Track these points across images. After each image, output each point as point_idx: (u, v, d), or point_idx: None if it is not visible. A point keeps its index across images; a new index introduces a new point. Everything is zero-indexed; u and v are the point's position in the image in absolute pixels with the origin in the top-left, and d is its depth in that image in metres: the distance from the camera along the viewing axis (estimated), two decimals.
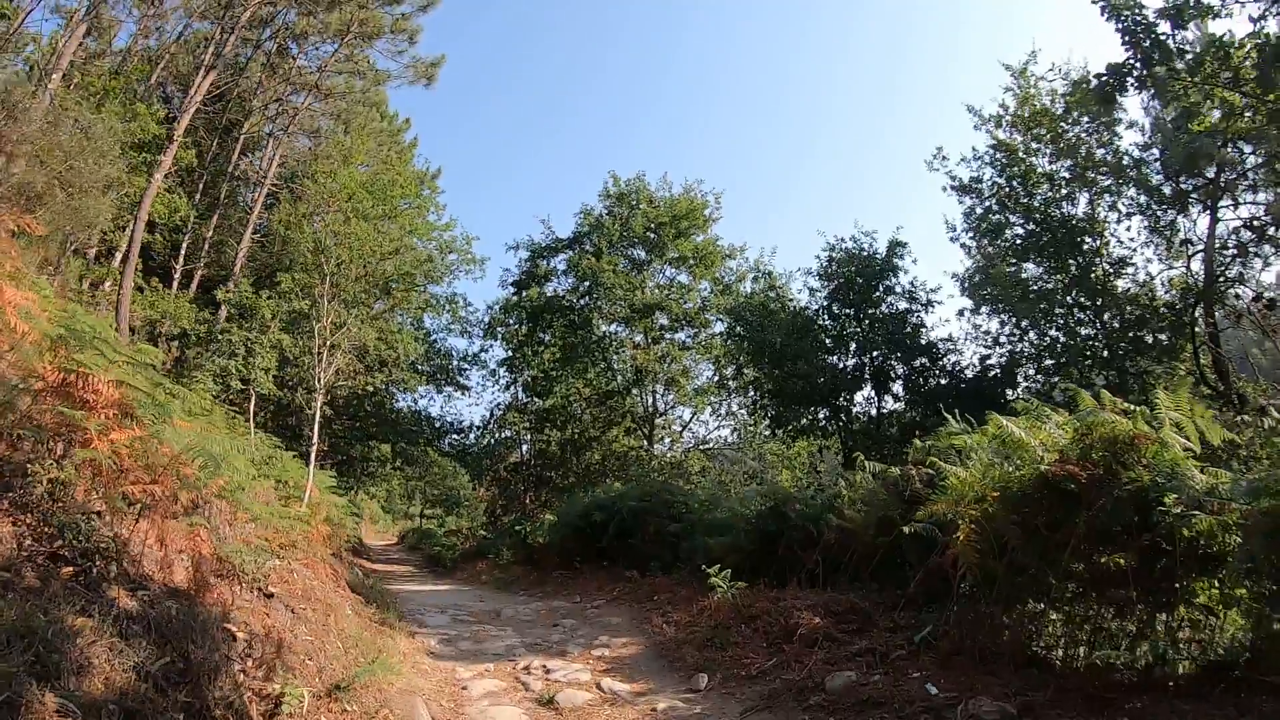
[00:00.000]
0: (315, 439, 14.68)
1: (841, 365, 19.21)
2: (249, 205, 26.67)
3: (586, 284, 26.68)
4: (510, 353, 31.98)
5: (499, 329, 33.20)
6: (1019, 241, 18.82)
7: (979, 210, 19.65)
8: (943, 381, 19.08)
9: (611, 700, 7.91)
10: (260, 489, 14.54)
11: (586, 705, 7.74)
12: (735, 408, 27.70)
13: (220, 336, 14.43)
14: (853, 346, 19.73)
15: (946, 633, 7.77)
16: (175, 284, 22.06)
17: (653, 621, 11.32)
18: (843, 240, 20.49)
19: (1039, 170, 18.69)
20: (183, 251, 23.07)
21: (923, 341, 19.42)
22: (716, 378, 27.61)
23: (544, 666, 9.31)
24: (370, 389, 25.73)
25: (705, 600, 10.88)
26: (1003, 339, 18.98)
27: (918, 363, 19.36)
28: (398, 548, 41.58)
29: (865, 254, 20.06)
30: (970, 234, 19.91)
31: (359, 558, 31.11)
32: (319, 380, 14.99)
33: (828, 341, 19.67)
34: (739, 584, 10.47)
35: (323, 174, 25.29)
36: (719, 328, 27.82)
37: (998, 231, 19.22)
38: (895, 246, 19.89)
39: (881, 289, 19.89)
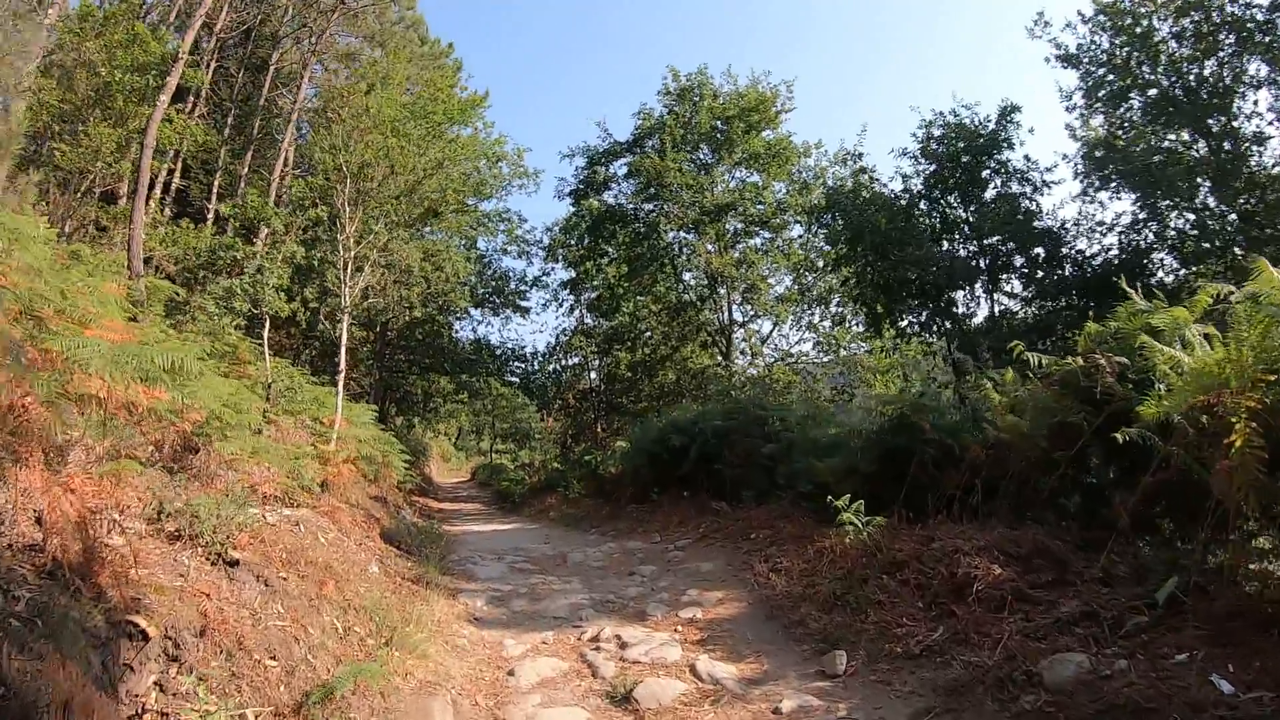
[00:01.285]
0: (343, 364, 12.58)
1: (955, 254, 16.31)
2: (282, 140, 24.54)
3: (651, 188, 24.07)
4: (572, 273, 29.71)
5: (559, 250, 30.87)
6: (1148, 109, 15.73)
7: (1091, 80, 16.53)
8: (1065, 273, 16.07)
9: (714, 694, 5.56)
10: (285, 425, 12.59)
11: (678, 703, 5.42)
12: (818, 319, 25.02)
13: (222, 254, 12.29)
14: (958, 236, 16.83)
15: (1202, 587, 5.24)
16: (211, 225, 20.21)
17: (754, 569, 8.95)
18: (942, 114, 17.47)
19: (1158, 35, 15.51)
20: (214, 191, 21.11)
21: (1038, 228, 16.38)
22: (796, 286, 24.87)
23: (617, 637, 7.00)
24: (421, 316, 23.61)
25: (822, 539, 8.50)
26: (1128, 222, 15.92)
27: (1034, 253, 16.36)
28: (469, 485, 40.29)
29: (970, 127, 17.02)
30: (1085, 104, 16.82)
31: (425, 497, 29.80)
32: (344, 298, 12.81)
33: (935, 227, 16.79)
34: (877, 519, 7.93)
35: (357, 94, 22.98)
36: (796, 232, 25.10)
37: (1120, 98, 16.09)
38: (1007, 114, 16.77)
39: (992, 167, 16.86)
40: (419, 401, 33.05)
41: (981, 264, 16.31)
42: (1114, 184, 16.30)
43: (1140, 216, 15.80)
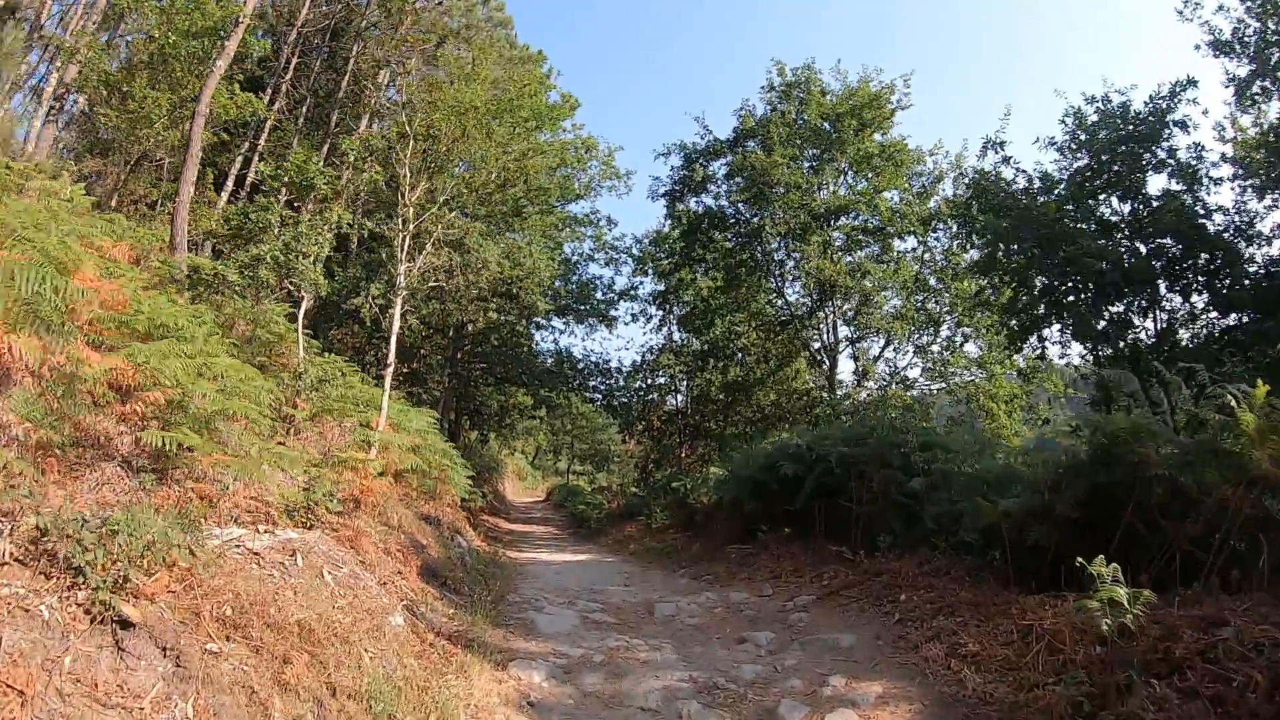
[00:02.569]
0: (391, 355, 10.43)
1: (1124, 256, 13.37)
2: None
3: (755, 188, 21.56)
4: (662, 286, 27.45)
5: (649, 264, 28.62)
6: None
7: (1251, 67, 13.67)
8: (1247, 282, 13.01)
9: None
10: (323, 426, 10.46)
11: None
12: (927, 341, 22.04)
13: (255, 217, 10.23)
14: (1119, 237, 13.91)
15: None
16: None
17: (924, 652, 6.34)
18: (1094, 98, 14.62)
19: None
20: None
21: (1211, 229, 13.37)
22: (909, 303, 21.94)
23: None
24: (497, 319, 21.42)
25: (1027, 614, 5.95)
26: None
27: (1203, 258, 13.34)
28: (544, 505, 38.35)
29: (1131, 111, 14.15)
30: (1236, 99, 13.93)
31: (496, 516, 27.84)
32: (400, 276, 10.67)
33: (1092, 228, 13.91)
34: (1144, 594, 5.22)
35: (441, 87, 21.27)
36: (909, 244, 22.35)
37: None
38: (1178, 91, 13.83)
39: (1159, 157, 13.96)
40: (494, 415, 30.96)
41: (1156, 265, 13.41)
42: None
43: None
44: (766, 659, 6.87)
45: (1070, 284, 13.43)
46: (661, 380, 29.00)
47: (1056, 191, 14.47)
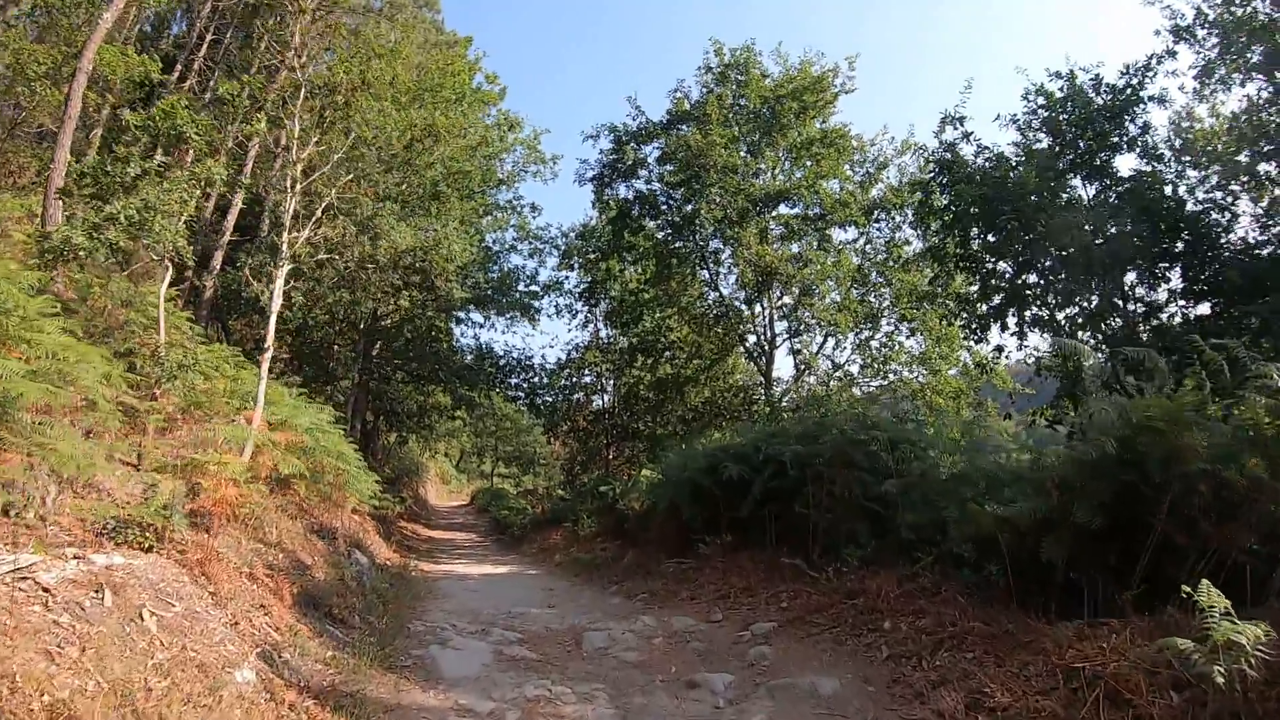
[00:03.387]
0: (270, 338, 8.85)
1: (1092, 238, 12.29)
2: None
3: (690, 170, 20.05)
4: (589, 280, 26.06)
5: (575, 258, 27.11)
6: None
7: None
8: (1227, 265, 12.09)
9: None
10: (201, 424, 8.73)
11: None
12: (867, 336, 20.83)
13: (110, 170, 8.34)
14: (1085, 218, 12.85)
15: None
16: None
17: (937, 702, 4.91)
18: (1058, 74, 13.60)
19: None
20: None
21: (1190, 212, 12.42)
22: (851, 295, 20.66)
23: None
24: (409, 306, 19.53)
25: (1064, 650, 4.67)
26: None
27: (1179, 245, 12.39)
28: (468, 509, 36.84)
29: (1101, 86, 13.18)
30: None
31: (416, 522, 26.07)
32: (284, 245, 9.02)
33: (1060, 207, 12.84)
34: (1259, 630, 3.89)
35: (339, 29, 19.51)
36: (848, 235, 21.11)
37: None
38: (1153, 64, 12.87)
39: (1128, 137, 13.01)
40: (413, 416, 28.96)
41: (1128, 255, 12.39)
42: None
43: None
44: (728, 712, 5.44)
45: (1040, 265, 12.36)
46: (588, 379, 27.61)
47: (1017, 170, 13.41)
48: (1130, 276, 12.76)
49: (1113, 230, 12.21)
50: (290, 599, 6.72)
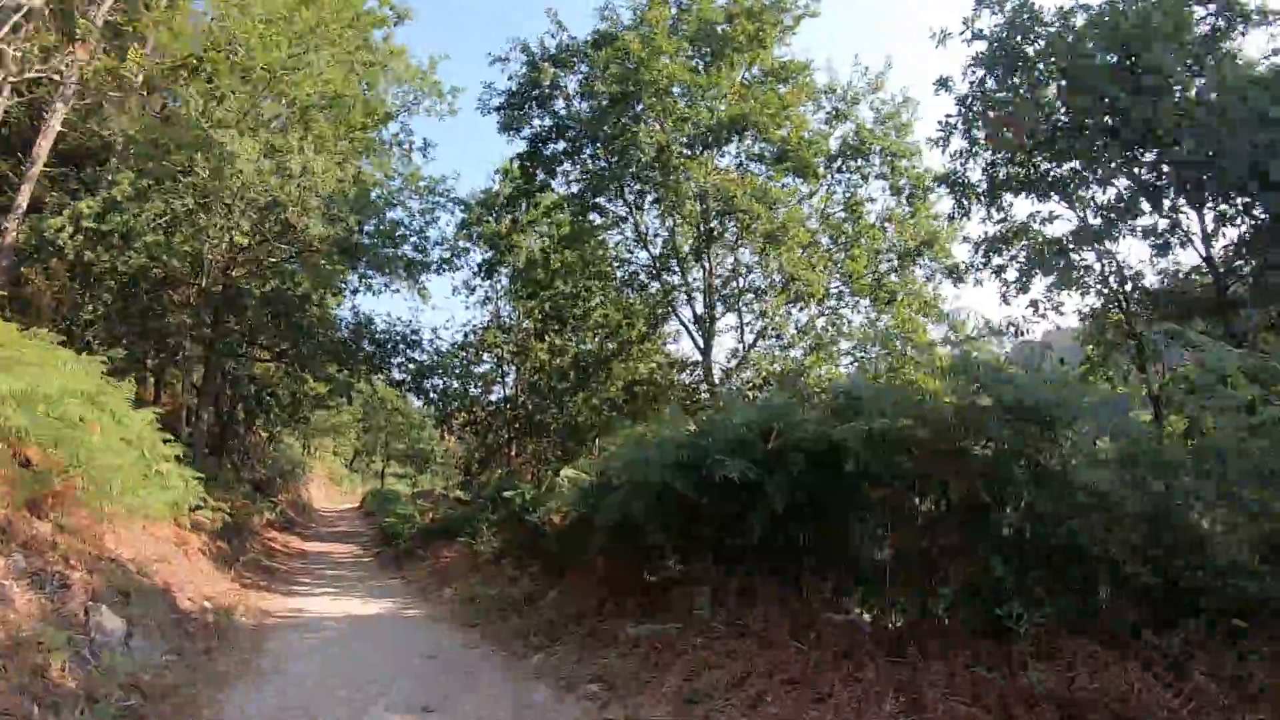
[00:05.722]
0: None
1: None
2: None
3: (624, 87, 15.65)
4: (491, 253, 21.95)
5: (474, 229, 22.50)
6: None
7: None
8: None
9: None
10: None
11: None
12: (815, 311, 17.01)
13: None
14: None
15: None
16: None
17: None
18: None
19: None
20: None
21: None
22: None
23: None
24: (246, 244, 14.54)
25: None
26: None
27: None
28: (356, 513, 33.38)
29: None
30: None
31: (288, 532, 21.68)
32: None
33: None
34: None
35: None
36: (804, 190, 17.35)
37: None
38: None
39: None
40: (285, 407, 23.75)
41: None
42: None
43: None
44: None
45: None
46: (486, 366, 23.74)
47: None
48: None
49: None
50: None
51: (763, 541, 6.26)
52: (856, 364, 16.96)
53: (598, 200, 17.62)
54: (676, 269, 17.23)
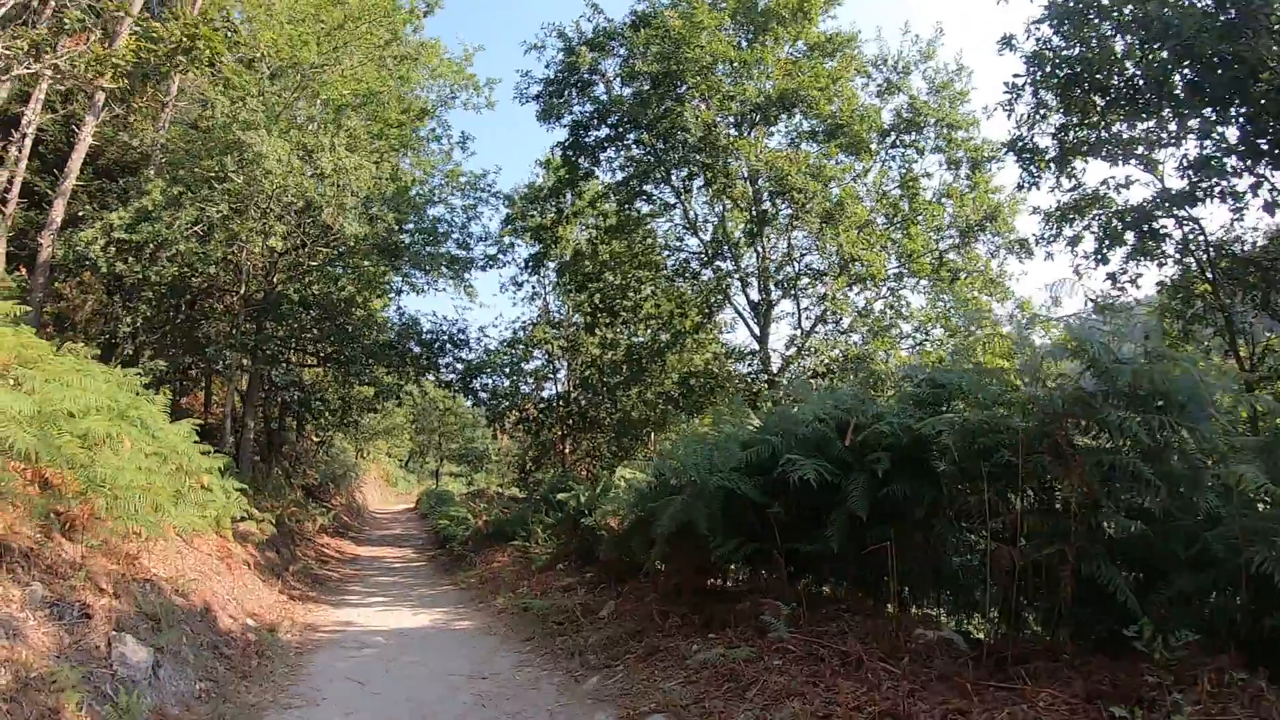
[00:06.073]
0: None
1: None
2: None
3: (667, 65, 14.95)
4: (537, 248, 21.43)
5: (519, 222, 22.03)
6: None
7: None
8: None
9: None
10: None
11: None
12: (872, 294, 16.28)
13: None
14: None
15: None
16: None
17: None
18: None
19: None
20: None
21: None
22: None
23: None
24: (282, 245, 14.10)
25: None
26: None
27: None
28: (410, 515, 33.61)
29: None
30: None
31: (341, 537, 21.44)
32: None
33: None
34: None
35: None
36: (858, 167, 16.43)
37: None
38: None
39: None
40: (335, 412, 23.54)
41: None
42: None
43: None
44: None
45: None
46: (537, 362, 23.46)
47: None
48: None
49: None
50: None
51: (841, 549, 5.60)
52: (917, 348, 16.22)
53: (644, 187, 17.13)
54: (728, 255, 16.62)
